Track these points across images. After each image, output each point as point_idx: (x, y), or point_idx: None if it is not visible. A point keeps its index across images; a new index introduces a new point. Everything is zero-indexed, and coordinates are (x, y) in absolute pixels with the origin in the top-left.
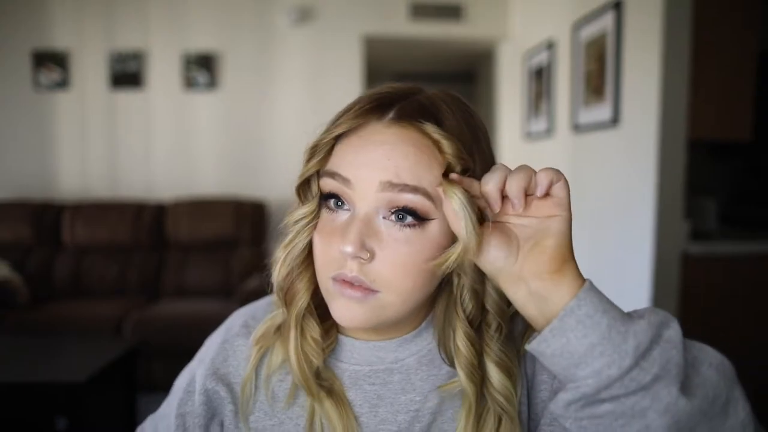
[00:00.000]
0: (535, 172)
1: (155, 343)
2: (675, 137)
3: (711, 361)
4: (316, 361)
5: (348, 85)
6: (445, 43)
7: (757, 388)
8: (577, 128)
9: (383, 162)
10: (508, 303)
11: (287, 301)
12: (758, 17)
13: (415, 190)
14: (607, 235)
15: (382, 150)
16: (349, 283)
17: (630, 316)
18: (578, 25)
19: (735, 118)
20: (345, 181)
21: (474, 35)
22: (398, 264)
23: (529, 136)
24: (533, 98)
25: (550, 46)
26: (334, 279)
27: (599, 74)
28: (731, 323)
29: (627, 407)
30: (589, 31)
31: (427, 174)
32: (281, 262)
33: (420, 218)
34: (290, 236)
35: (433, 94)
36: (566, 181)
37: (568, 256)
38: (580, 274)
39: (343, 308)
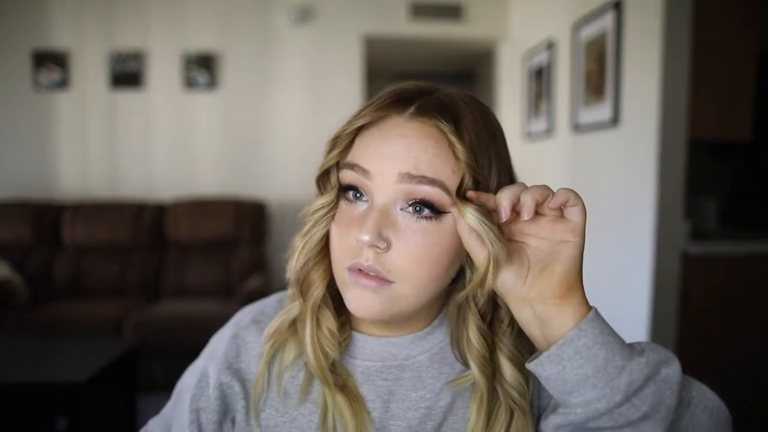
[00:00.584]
0: (553, 192)
1: (155, 343)
2: (675, 137)
3: (707, 404)
4: (332, 353)
5: (348, 85)
6: (445, 43)
7: (756, 388)
8: (577, 128)
9: (403, 154)
10: None
11: (303, 291)
12: (758, 17)
13: (432, 182)
14: (607, 235)
15: (402, 142)
16: (365, 273)
17: (631, 350)
18: (578, 25)
19: (735, 118)
20: (364, 172)
21: (474, 35)
22: (414, 255)
23: (529, 136)
24: (533, 98)
25: (550, 46)
26: (350, 269)
27: (599, 74)
28: (731, 323)
29: None
30: (589, 31)
31: (445, 168)
32: (299, 251)
33: (437, 211)
34: (308, 226)
35: (453, 93)
36: (584, 207)
37: (575, 283)
38: (585, 302)
39: (358, 298)
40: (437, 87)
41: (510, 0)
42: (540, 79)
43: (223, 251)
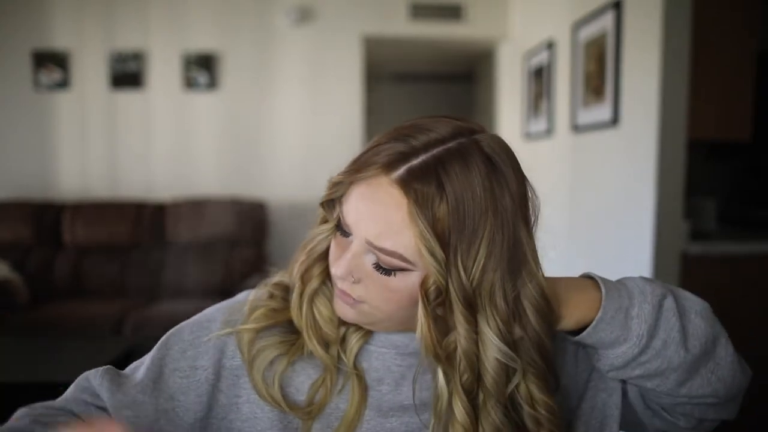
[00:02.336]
0: None
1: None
2: (675, 137)
3: (696, 309)
4: (331, 333)
5: (348, 85)
6: (445, 43)
7: (757, 388)
8: (576, 128)
9: (373, 221)
10: (508, 379)
11: (303, 282)
12: (758, 17)
13: (391, 254)
14: (606, 236)
15: (375, 209)
16: (342, 293)
17: (639, 297)
18: (578, 25)
19: (735, 118)
20: (347, 224)
21: (474, 35)
22: (376, 295)
23: (529, 136)
24: (533, 98)
25: (550, 46)
26: (337, 286)
27: (599, 74)
28: (731, 323)
29: (651, 370)
30: (589, 31)
31: (411, 241)
32: (300, 262)
33: (397, 270)
34: (312, 244)
35: (452, 153)
36: None
37: (569, 296)
38: (588, 285)
39: (339, 307)
40: (441, 139)
41: (510, 0)
42: (540, 79)
43: (223, 251)
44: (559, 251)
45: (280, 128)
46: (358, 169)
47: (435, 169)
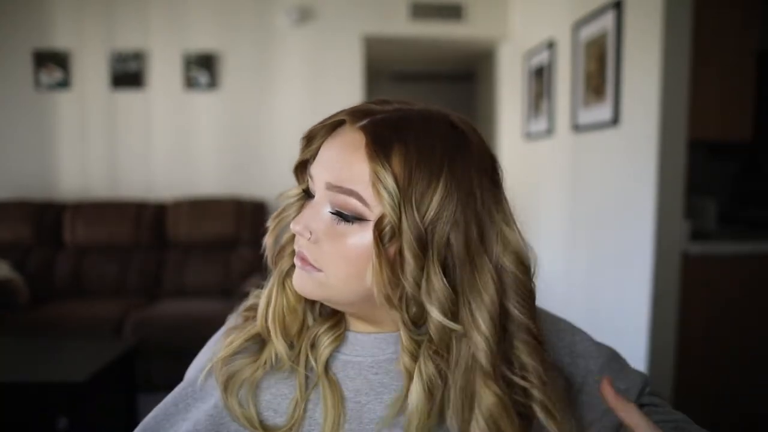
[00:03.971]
0: None
1: (155, 343)
2: (675, 137)
3: None
4: (291, 325)
5: (348, 85)
6: (445, 43)
7: (757, 387)
8: (577, 128)
9: (333, 163)
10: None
11: (275, 263)
12: (758, 17)
13: (348, 192)
14: (607, 235)
15: (336, 151)
16: (301, 257)
17: None
18: (578, 25)
19: (735, 118)
20: (311, 176)
21: (474, 35)
22: (333, 252)
23: (529, 136)
24: (533, 98)
25: (550, 46)
26: (296, 252)
27: (599, 74)
28: (731, 323)
29: None
30: (589, 31)
31: (367, 178)
32: (271, 230)
33: (354, 218)
34: (280, 209)
35: (418, 113)
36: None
37: None
38: None
39: (296, 277)
40: (409, 109)
41: (510, 0)
42: (540, 79)
43: (223, 251)
44: (560, 251)
45: (280, 128)
46: (328, 118)
47: (397, 119)
